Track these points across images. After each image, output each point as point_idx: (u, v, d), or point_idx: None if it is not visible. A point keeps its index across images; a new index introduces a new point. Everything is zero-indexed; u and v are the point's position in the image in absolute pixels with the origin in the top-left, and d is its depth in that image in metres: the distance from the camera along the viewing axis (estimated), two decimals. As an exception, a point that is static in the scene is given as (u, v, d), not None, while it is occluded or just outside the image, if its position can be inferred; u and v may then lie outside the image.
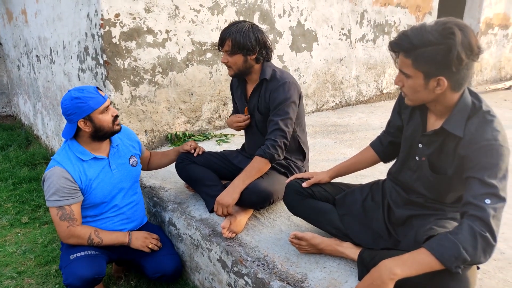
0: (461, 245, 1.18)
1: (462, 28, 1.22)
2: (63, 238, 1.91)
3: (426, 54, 1.24)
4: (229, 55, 2.00)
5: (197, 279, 2.15)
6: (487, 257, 1.21)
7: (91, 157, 1.96)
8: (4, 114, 6.77)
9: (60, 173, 1.87)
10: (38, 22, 4.26)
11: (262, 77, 2.06)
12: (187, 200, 2.34)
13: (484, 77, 6.74)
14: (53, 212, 1.88)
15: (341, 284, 1.52)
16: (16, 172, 4.12)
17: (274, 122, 1.97)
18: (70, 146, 1.95)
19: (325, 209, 1.75)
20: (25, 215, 3.20)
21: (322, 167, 2.67)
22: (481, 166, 1.25)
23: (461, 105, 1.33)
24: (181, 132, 3.45)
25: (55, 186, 1.85)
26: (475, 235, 1.19)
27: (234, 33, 1.95)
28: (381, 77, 5.19)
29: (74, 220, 1.89)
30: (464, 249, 1.18)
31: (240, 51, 1.97)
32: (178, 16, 3.18)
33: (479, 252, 1.19)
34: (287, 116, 1.97)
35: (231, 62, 2.02)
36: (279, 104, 1.98)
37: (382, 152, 1.78)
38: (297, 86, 2.05)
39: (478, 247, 1.18)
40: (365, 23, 4.72)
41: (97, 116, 1.88)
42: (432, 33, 1.22)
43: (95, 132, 1.92)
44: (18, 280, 2.35)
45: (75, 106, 1.84)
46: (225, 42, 1.98)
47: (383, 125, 1.83)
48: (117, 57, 2.95)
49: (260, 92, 2.09)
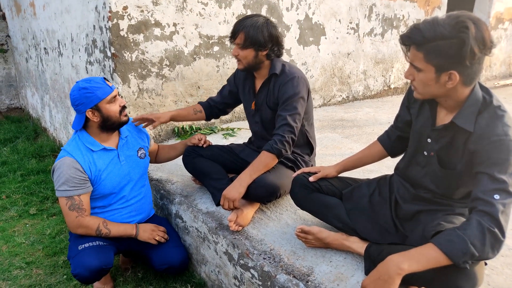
0: (469, 240, 1.17)
1: (475, 21, 1.20)
2: (72, 228, 1.93)
3: (438, 48, 1.22)
4: (241, 48, 1.97)
5: (204, 272, 2.17)
6: (496, 253, 1.20)
7: (100, 148, 1.98)
8: (12, 106, 6.82)
9: (70, 163, 1.88)
10: (46, 15, 4.27)
11: (271, 72, 2.04)
12: (194, 193, 2.34)
13: (493, 72, 6.66)
14: (62, 202, 1.90)
15: (348, 278, 1.52)
16: (24, 164, 4.16)
17: (282, 117, 1.96)
18: (80, 137, 1.97)
19: (332, 203, 1.75)
20: (33, 206, 3.24)
21: (329, 162, 2.66)
22: (491, 162, 1.24)
23: (472, 100, 1.32)
24: (188, 125, 3.46)
25: (65, 176, 1.87)
26: (484, 230, 1.18)
27: (248, 26, 1.93)
28: (389, 71, 5.15)
29: (83, 210, 1.91)
30: (472, 245, 1.17)
31: (252, 45, 1.94)
32: (185, 9, 3.17)
33: (487, 248, 1.18)
34: (296, 112, 1.96)
35: (241, 56, 1.99)
36: (288, 99, 1.97)
37: (389, 147, 1.77)
38: (305, 81, 2.04)
39: (486, 242, 1.18)
40: (373, 17, 4.68)
41: (104, 106, 1.90)
42: (445, 27, 1.21)
43: (103, 122, 1.94)
44: (27, 270, 2.38)
45: (83, 96, 1.87)
46: (237, 34, 1.95)
47: (390, 120, 1.82)
48: (124, 50, 2.95)
49: (269, 87, 2.08)
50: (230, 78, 2.32)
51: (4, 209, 3.22)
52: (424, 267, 1.21)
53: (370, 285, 1.25)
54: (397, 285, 1.21)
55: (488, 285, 1.47)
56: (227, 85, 2.32)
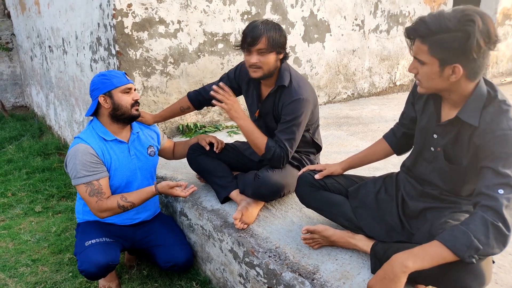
0: (472, 234, 1.17)
1: (481, 15, 1.20)
2: (96, 215, 1.92)
3: (443, 41, 1.22)
4: (263, 54, 1.85)
5: (209, 269, 2.17)
6: (502, 247, 1.19)
7: (112, 138, 2.01)
8: (17, 104, 6.85)
9: (84, 149, 1.90)
10: (51, 13, 4.27)
11: (279, 83, 1.94)
12: (198, 191, 2.34)
13: (499, 69, 6.60)
14: (82, 189, 1.89)
15: (354, 277, 1.51)
16: (29, 161, 4.17)
17: (279, 140, 1.92)
18: (94, 126, 2.00)
19: (337, 201, 1.74)
20: (38, 204, 3.25)
21: (334, 159, 2.65)
22: (496, 156, 1.24)
23: (477, 95, 1.31)
24: (192, 123, 3.45)
25: (81, 162, 1.87)
26: (487, 224, 1.17)
27: (268, 30, 1.82)
28: (395, 68, 5.12)
29: (103, 194, 1.90)
30: (476, 238, 1.16)
31: (274, 49, 1.86)
32: (190, 6, 3.16)
33: (492, 241, 1.17)
34: (293, 137, 1.92)
35: (263, 62, 1.86)
36: (288, 122, 1.91)
37: (395, 144, 1.75)
38: (311, 101, 1.96)
39: (490, 236, 1.17)
40: (379, 13, 4.65)
41: (117, 94, 1.95)
42: (451, 20, 1.21)
43: (113, 110, 1.96)
44: (33, 268, 2.39)
45: (100, 81, 1.94)
46: (259, 40, 1.82)
47: (396, 118, 1.80)
48: (129, 48, 2.95)
49: (275, 99, 2.01)
50: (231, 74, 2.20)
51: (10, 207, 3.24)
52: (430, 264, 1.20)
53: (376, 285, 1.24)
54: (403, 283, 1.20)
55: (496, 284, 1.45)
56: (227, 80, 2.20)
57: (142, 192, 1.97)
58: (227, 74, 2.24)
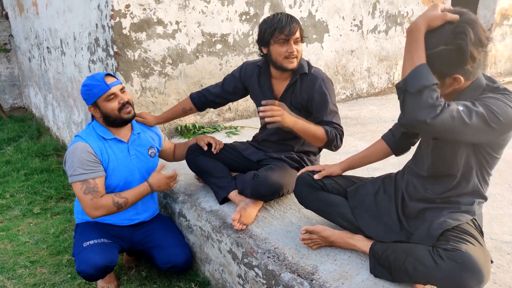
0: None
1: (472, 25, 1.22)
2: (89, 213, 1.88)
3: (438, 56, 1.24)
4: (297, 43, 1.91)
5: (207, 270, 2.16)
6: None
7: (112, 137, 2.02)
8: (15, 105, 6.83)
9: (83, 147, 1.91)
10: (49, 14, 4.27)
11: (301, 71, 2.00)
12: (197, 192, 2.34)
13: (498, 69, 6.62)
14: (77, 187, 1.88)
15: (352, 277, 1.51)
16: (27, 163, 4.16)
17: (329, 121, 1.92)
18: (94, 126, 2.02)
19: (336, 201, 1.73)
20: (37, 205, 3.24)
21: (333, 160, 2.64)
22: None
23: (474, 85, 1.33)
24: (190, 124, 3.45)
25: (79, 159, 1.88)
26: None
27: (295, 19, 1.89)
28: (393, 69, 5.13)
29: (98, 192, 1.89)
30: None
31: (303, 38, 1.94)
32: (188, 7, 3.16)
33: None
34: (336, 112, 1.97)
35: (299, 51, 1.93)
36: (325, 103, 1.95)
37: (394, 145, 1.75)
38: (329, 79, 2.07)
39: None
40: (377, 13, 4.65)
41: (102, 104, 1.95)
42: (444, 34, 1.23)
43: (104, 118, 1.98)
44: (32, 269, 2.38)
45: (85, 93, 1.96)
46: (296, 29, 1.87)
47: (394, 118, 1.80)
48: (127, 49, 2.94)
49: (296, 88, 2.02)
50: (236, 73, 2.21)
51: (8, 208, 3.23)
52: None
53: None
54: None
55: (494, 283, 1.45)
56: (231, 80, 2.22)
57: (135, 188, 1.99)
58: (231, 74, 2.25)
